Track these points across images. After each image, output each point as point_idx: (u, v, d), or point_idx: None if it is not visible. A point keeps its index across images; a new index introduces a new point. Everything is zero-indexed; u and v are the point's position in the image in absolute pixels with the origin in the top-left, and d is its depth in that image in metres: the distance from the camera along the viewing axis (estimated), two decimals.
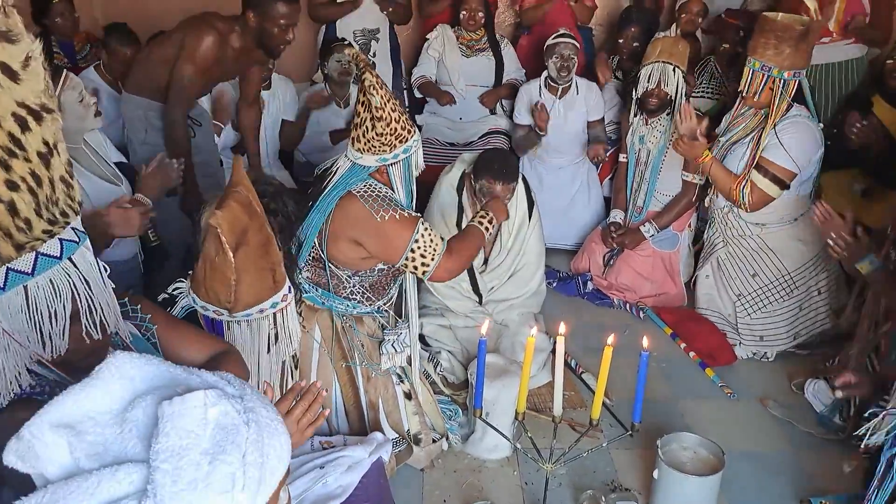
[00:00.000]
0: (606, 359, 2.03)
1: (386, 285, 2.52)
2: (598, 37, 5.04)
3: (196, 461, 0.77)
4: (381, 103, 2.20)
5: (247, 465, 0.80)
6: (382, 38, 4.51)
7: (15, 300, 1.15)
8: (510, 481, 2.56)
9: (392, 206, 2.29)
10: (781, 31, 2.86)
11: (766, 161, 3.01)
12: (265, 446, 0.84)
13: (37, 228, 1.13)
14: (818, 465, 2.63)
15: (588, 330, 3.31)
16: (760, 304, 3.26)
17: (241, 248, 1.59)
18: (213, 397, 0.82)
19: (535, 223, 3.20)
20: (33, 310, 1.16)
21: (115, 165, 2.85)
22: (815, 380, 2.94)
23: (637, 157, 3.74)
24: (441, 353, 3.04)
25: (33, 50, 1.06)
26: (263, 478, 0.83)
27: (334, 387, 2.50)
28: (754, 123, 3.12)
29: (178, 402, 0.79)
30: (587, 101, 4.05)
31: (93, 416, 0.82)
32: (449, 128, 4.45)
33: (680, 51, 3.50)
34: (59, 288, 1.18)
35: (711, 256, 3.43)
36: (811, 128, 3.03)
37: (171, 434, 0.78)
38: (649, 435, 2.52)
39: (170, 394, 0.82)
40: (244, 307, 1.66)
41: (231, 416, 0.82)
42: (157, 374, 0.87)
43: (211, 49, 3.06)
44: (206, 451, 0.78)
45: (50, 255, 1.16)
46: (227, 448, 0.79)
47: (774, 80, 2.92)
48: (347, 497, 1.97)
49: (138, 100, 3.21)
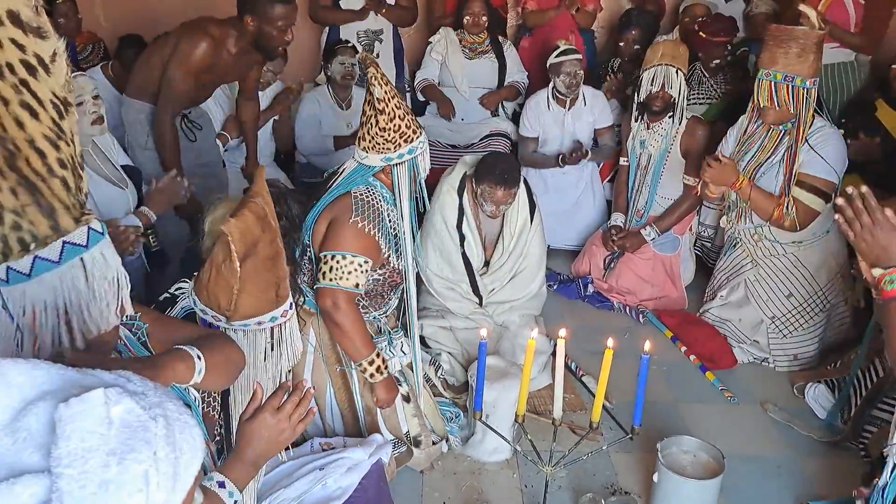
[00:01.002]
0: (607, 362, 2.03)
1: (383, 294, 2.50)
2: (599, 40, 5.05)
3: (103, 462, 0.73)
4: (383, 95, 2.19)
5: (159, 462, 0.77)
6: (386, 40, 4.52)
7: (77, 273, 1.17)
8: (510, 484, 2.56)
9: (371, 221, 2.28)
10: (804, 39, 2.78)
11: (806, 176, 2.94)
12: (177, 441, 0.80)
13: (78, 208, 1.16)
14: (818, 470, 2.63)
15: (588, 333, 3.31)
16: (797, 324, 3.19)
17: (249, 259, 1.59)
18: (115, 395, 0.77)
19: (536, 226, 3.20)
20: (92, 281, 1.18)
21: (122, 168, 2.86)
22: (815, 384, 2.94)
23: (638, 161, 3.74)
24: (441, 354, 3.04)
25: (59, 47, 1.10)
26: (178, 473, 0.79)
27: (328, 391, 2.47)
28: (775, 139, 3.02)
29: (75, 402, 0.75)
30: (594, 110, 4.07)
31: None
32: (450, 129, 4.46)
33: (681, 54, 3.51)
34: (109, 260, 1.21)
35: (737, 278, 3.33)
36: (838, 134, 3.00)
37: (73, 437, 0.73)
38: (649, 438, 2.51)
39: (65, 396, 0.77)
40: (242, 317, 1.67)
41: (136, 413, 0.78)
42: (46, 378, 0.81)
43: (205, 55, 3.06)
44: (114, 452, 0.74)
45: (98, 231, 1.19)
46: (136, 446, 0.75)
47: (799, 90, 2.83)
48: (347, 499, 1.97)
49: (139, 104, 3.21)
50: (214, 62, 3.11)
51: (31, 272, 1.13)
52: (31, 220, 1.11)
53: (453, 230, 3.10)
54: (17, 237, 1.10)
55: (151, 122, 3.20)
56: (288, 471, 2.02)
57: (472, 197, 3.09)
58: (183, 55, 3.06)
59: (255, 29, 3.09)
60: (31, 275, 1.13)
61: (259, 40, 3.14)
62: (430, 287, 3.16)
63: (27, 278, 1.13)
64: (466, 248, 3.13)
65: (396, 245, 2.41)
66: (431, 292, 3.16)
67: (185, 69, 3.07)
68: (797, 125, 2.92)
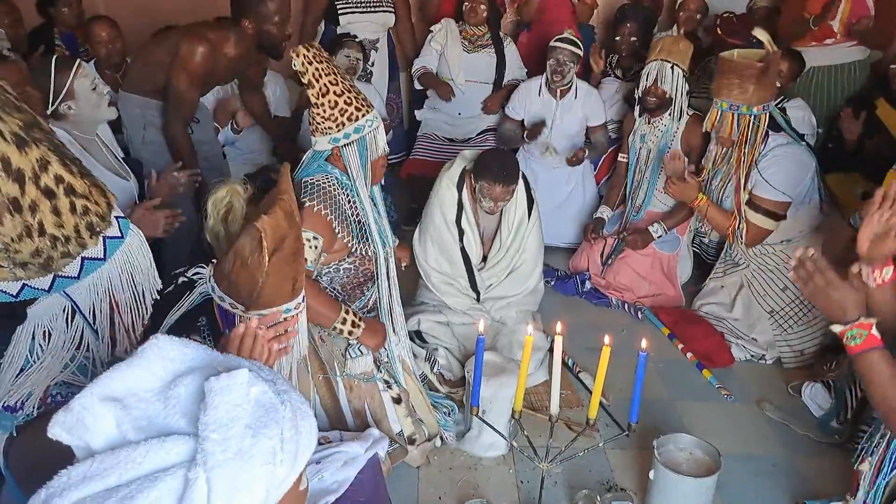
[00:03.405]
0: (604, 358, 2.03)
1: (359, 286, 2.47)
2: (599, 35, 5.04)
3: (241, 433, 0.82)
4: (312, 73, 2.14)
5: (284, 441, 0.85)
6: (381, 48, 4.54)
7: (135, 241, 1.30)
8: (506, 479, 2.56)
9: (322, 202, 2.25)
10: (742, 70, 2.89)
11: (756, 198, 3.07)
12: (299, 425, 0.89)
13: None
14: (814, 469, 2.63)
15: (586, 329, 3.31)
16: (797, 318, 3.21)
17: (276, 254, 1.61)
18: (254, 377, 0.87)
19: (534, 221, 3.19)
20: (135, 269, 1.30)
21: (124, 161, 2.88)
22: (812, 383, 2.94)
23: (638, 155, 3.74)
24: (438, 350, 3.04)
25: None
26: (298, 453, 0.88)
27: (313, 399, 2.43)
28: (736, 159, 3.11)
29: (224, 378, 0.84)
30: (585, 106, 4.04)
31: (136, 393, 0.87)
32: (448, 123, 4.46)
33: (680, 49, 3.50)
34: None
35: (734, 273, 3.41)
36: (794, 153, 3.05)
37: (220, 407, 0.82)
38: (645, 435, 2.52)
39: (209, 373, 0.87)
40: (259, 307, 1.68)
41: (269, 395, 0.87)
42: (195, 356, 0.93)
43: (204, 61, 3.08)
44: (250, 426, 0.83)
45: (114, 237, 1.27)
46: (268, 423, 0.84)
47: (745, 118, 2.95)
48: (343, 492, 1.96)
49: (136, 99, 3.21)
50: (213, 66, 3.12)
51: (105, 255, 1.22)
52: (96, 201, 1.20)
53: (452, 225, 3.09)
54: (86, 224, 1.18)
55: (148, 116, 3.21)
56: None
57: (470, 192, 3.09)
58: (183, 63, 3.07)
59: (254, 31, 3.09)
60: (106, 258, 1.22)
61: (261, 41, 3.15)
62: (427, 282, 3.16)
63: (103, 262, 1.22)
64: (465, 243, 3.12)
65: (361, 231, 2.37)
66: (429, 287, 3.16)
67: (188, 77, 3.08)
68: (740, 150, 3.02)
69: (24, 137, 1.09)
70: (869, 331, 1.75)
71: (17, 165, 1.08)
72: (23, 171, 1.08)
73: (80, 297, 1.25)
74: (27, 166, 1.09)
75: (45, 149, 1.12)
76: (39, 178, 1.10)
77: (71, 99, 2.56)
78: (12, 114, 1.09)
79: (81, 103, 2.57)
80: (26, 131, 1.10)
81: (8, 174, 1.07)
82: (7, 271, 1.14)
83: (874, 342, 1.74)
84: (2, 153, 1.07)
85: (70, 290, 1.23)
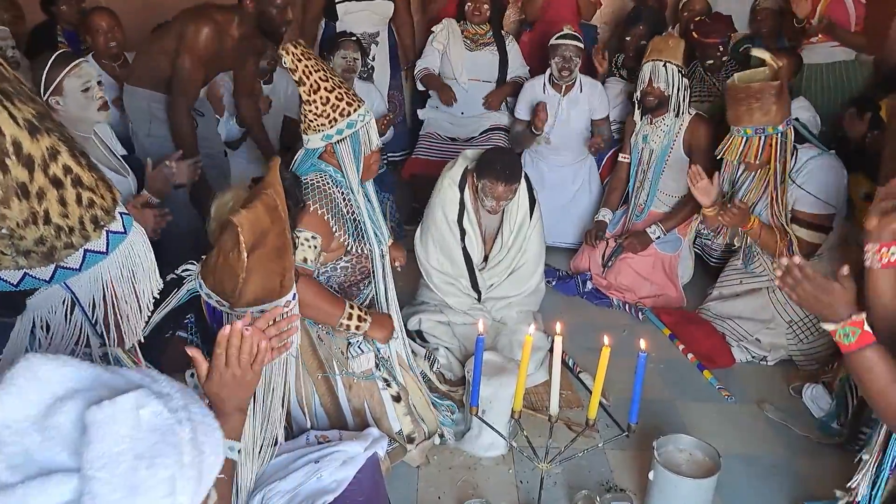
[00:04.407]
0: (604, 359, 2.03)
1: (355, 284, 2.47)
2: (602, 35, 5.03)
3: (132, 466, 0.74)
4: (303, 71, 2.14)
5: (184, 467, 0.78)
6: (382, 42, 4.53)
7: (136, 238, 1.29)
8: (505, 479, 2.56)
9: (319, 202, 2.25)
10: (760, 94, 2.84)
11: (800, 213, 3.02)
12: (200, 444, 0.81)
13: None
14: (814, 470, 2.63)
15: (586, 329, 3.30)
16: (811, 329, 3.17)
17: (257, 250, 1.60)
18: (144, 398, 0.79)
19: (536, 221, 3.19)
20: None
21: (123, 158, 2.87)
22: (812, 384, 2.93)
23: (640, 156, 3.73)
24: (439, 349, 3.04)
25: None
26: (202, 475, 0.81)
27: (313, 399, 2.43)
28: (763, 179, 3.07)
29: (107, 406, 0.76)
30: (591, 99, 4.05)
31: (9, 425, 0.77)
32: (450, 122, 4.45)
33: (670, 46, 3.51)
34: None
35: (752, 282, 3.37)
36: (827, 163, 3.02)
37: (105, 439, 0.74)
38: (645, 436, 2.51)
39: (93, 397, 0.78)
40: (245, 304, 1.68)
41: (164, 416, 0.79)
42: (75, 375, 0.82)
43: (210, 41, 3.09)
44: (142, 455, 0.75)
45: (117, 232, 1.27)
46: (163, 450, 0.77)
47: (773, 137, 2.91)
48: (342, 492, 1.96)
49: (141, 91, 3.21)
50: (220, 47, 3.14)
51: (107, 249, 1.22)
52: (101, 195, 1.20)
53: (454, 224, 3.09)
54: (90, 216, 1.17)
55: (153, 110, 3.21)
56: (283, 463, 2.02)
57: (472, 192, 3.08)
58: (190, 42, 3.08)
59: (255, 11, 3.12)
60: (108, 251, 1.22)
61: (261, 23, 3.17)
62: (429, 281, 3.16)
63: (105, 255, 1.22)
64: (467, 243, 3.12)
65: (356, 229, 2.37)
66: (430, 287, 3.15)
67: (193, 57, 3.10)
68: (774, 168, 2.96)
69: (37, 125, 1.10)
70: (861, 328, 1.72)
71: (28, 151, 1.08)
72: (33, 158, 1.08)
73: (81, 289, 1.24)
74: (38, 153, 1.09)
75: (56, 139, 1.12)
76: (48, 167, 1.10)
77: (59, 95, 2.56)
78: (27, 103, 1.10)
79: (69, 101, 2.57)
80: (39, 120, 1.10)
81: (18, 158, 1.07)
82: (10, 259, 1.13)
83: (867, 339, 1.71)
84: (14, 137, 1.06)
85: (70, 281, 1.22)
